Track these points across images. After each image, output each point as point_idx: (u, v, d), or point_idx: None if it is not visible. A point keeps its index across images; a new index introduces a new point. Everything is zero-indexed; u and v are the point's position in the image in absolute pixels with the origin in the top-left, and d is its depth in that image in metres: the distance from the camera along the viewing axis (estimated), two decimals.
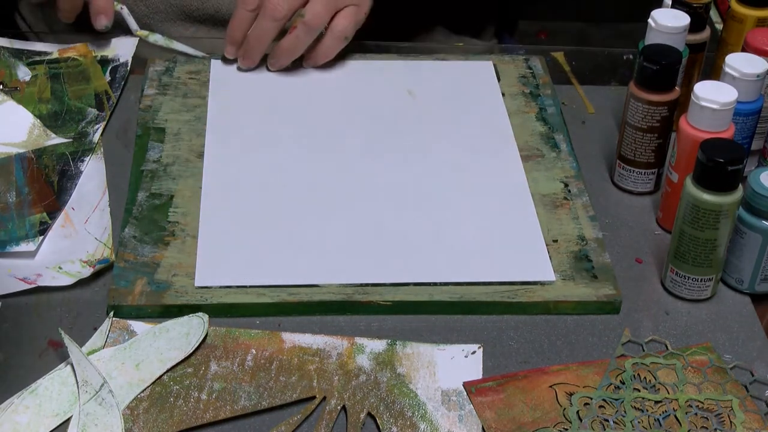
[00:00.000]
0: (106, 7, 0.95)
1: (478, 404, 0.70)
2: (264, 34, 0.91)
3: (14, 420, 0.68)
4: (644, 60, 0.83)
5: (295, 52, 0.94)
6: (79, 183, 0.86)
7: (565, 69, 1.04)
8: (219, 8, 1.06)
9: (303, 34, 0.92)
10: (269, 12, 0.89)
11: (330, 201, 0.85)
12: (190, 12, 1.06)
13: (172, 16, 1.06)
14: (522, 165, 0.89)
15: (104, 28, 0.96)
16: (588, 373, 0.72)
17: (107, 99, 0.95)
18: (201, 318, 0.74)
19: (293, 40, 0.93)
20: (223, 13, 1.06)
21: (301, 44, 0.93)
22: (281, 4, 0.89)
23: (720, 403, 0.71)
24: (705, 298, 0.79)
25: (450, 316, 0.77)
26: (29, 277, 0.77)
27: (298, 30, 0.92)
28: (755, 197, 0.75)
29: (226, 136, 0.91)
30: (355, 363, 0.72)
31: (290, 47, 0.93)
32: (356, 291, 0.76)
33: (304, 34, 0.92)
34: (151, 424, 0.68)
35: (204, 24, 1.07)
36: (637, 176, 0.88)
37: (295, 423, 0.68)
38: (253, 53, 0.94)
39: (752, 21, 0.90)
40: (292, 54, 0.95)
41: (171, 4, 1.06)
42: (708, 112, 0.78)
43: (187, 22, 1.07)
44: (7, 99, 0.94)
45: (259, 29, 0.91)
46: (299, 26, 0.92)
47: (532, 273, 0.79)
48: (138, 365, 0.71)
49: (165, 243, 0.80)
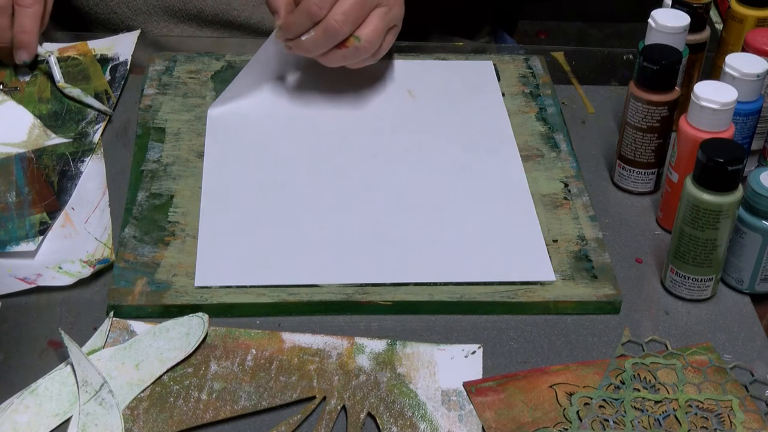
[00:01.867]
0: (29, 43, 0.95)
1: (478, 404, 0.70)
2: (318, 46, 0.89)
3: (14, 420, 0.68)
4: (644, 60, 0.83)
5: (334, 63, 0.92)
6: (79, 183, 0.86)
7: (565, 69, 1.04)
8: (202, 9, 1.05)
9: (352, 55, 0.90)
10: (331, 31, 0.87)
11: (330, 200, 0.85)
12: (173, 12, 1.06)
13: (156, 17, 1.06)
14: (522, 165, 0.89)
15: (22, 63, 0.96)
16: (588, 373, 0.72)
17: (107, 98, 0.95)
18: (201, 318, 0.74)
19: (339, 58, 0.90)
20: (207, 14, 1.05)
21: (344, 61, 0.91)
22: (344, 29, 0.87)
23: (720, 403, 0.71)
24: (705, 298, 0.79)
25: (450, 316, 0.77)
26: (29, 277, 0.77)
27: (349, 51, 0.89)
28: (755, 197, 0.75)
29: (226, 137, 0.91)
30: (355, 363, 0.72)
31: (333, 60, 0.91)
32: (356, 291, 0.76)
33: (353, 55, 0.90)
34: (151, 424, 0.68)
35: (190, 23, 1.07)
36: (637, 176, 0.88)
37: (295, 423, 0.68)
38: (300, 52, 0.91)
39: (752, 21, 0.90)
40: (329, 63, 0.92)
41: (152, 5, 1.05)
42: (708, 112, 0.78)
43: (171, 23, 1.06)
44: (7, 99, 0.94)
45: (316, 41, 0.88)
46: (352, 48, 0.89)
47: (532, 273, 0.79)
48: (138, 365, 0.71)
49: (165, 243, 0.80)
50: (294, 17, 0.87)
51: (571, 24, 2.39)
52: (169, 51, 1.03)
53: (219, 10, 1.05)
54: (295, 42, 0.88)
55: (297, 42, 0.88)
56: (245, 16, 1.06)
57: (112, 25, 1.06)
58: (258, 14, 1.06)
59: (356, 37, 0.89)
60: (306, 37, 0.87)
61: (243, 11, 1.05)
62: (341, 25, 0.87)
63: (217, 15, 1.05)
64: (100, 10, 1.06)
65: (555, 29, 2.36)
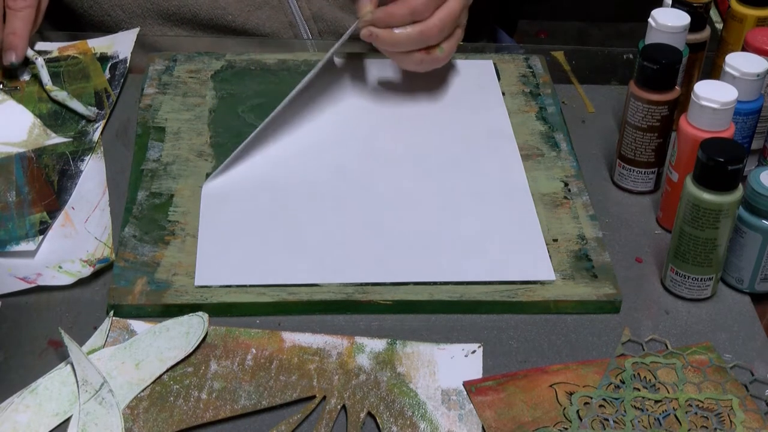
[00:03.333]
0: (18, 46, 0.94)
1: (478, 403, 0.70)
2: (407, 44, 0.89)
3: (14, 419, 0.68)
4: (644, 59, 0.83)
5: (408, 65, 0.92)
6: (79, 182, 0.86)
7: (565, 68, 1.04)
8: (197, 13, 1.05)
9: (428, 62, 0.91)
10: (428, 34, 0.88)
11: (330, 200, 0.85)
12: (167, 16, 1.06)
13: (150, 20, 1.06)
14: (522, 164, 0.89)
15: (10, 65, 0.95)
16: (588, 372, 0.72)
17: (107, 97, 0.95)
18: (201, 317, 0.74)
19: (416, 61, 0.90)
20: (201, 18, 1.05)
21: (418, 66, 0.91)
22: (438, 36, 0.89)
23: (720, 403, 0.71)
24: (705, 298, 0.79)
25: (450, 316, 0.77)
26: (29, 277, 0.77)
27: (428, 58, 0.90)
28: (755, 197, 0.75)
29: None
30: (355, 362, 0.72)
31: (409, 62, 0.91)
32: (356, 290, 0.76)
33: (429, 63, 0.91)
34: (151, 423, 0.68)
35: (184, 27, 1.06)
36: (637, 176, 0.88)
37: (295, 422, 0.68)
38: (384, 44, 0.90)
39: (752, 21, 0.90)
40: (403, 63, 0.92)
41: (146, 8, 1.05)
42: (708, 111, 0.78)
43: (166, 26, 1.06)
44: (7, 98, 0.94)
45: (409, 38, 0.88)
46: (433, 57, 0.90)
47: (532, 272, 0.79)
48: (138, 365, 0.71)
49: (165, 242, 0.80)
50: (397, 8, 0.87)
51: (571, 24, 2.39)
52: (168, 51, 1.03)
53: (213, 15, 1.05)
54: (385, 32, 0.88)
55: (387, 32, 0.88)
56: (240, 22, 1.05)
57: (106, 27, 1.06)
58: (253, 20, 1.06)
59: (441, 47, 0.90)
60: (400, 31, 0.87)
61: (238, 16, 1.05)
62: (438, 32, 0.88)
63: (212, 20, 1.05)
64: (94, 13, 1.06)
65: (555, 29, 2.36)
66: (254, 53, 1.02)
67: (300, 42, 1.07)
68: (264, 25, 1.06)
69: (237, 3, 1.05)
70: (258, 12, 1.06)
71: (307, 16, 1.07)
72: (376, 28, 0.88)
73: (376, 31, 0.88)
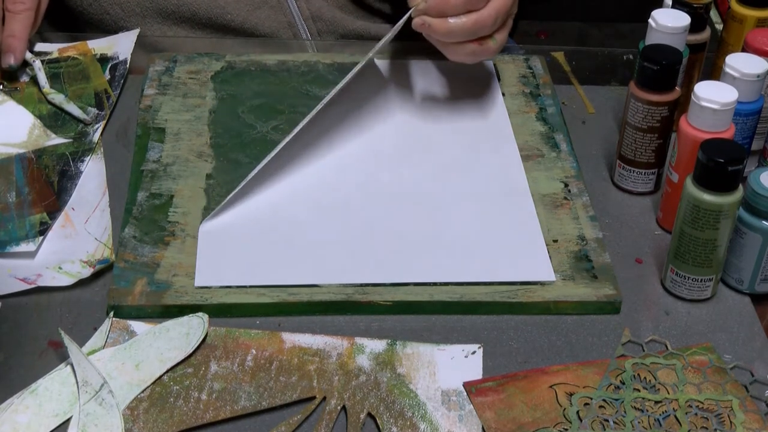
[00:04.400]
0: (17, 48, 0.94)
1: (478, 404, 0.70)
2: (462, 34, 0.87)
3: (14, 420, 0.68)
4: (644, 60, 0.83)
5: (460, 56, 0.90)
6: (79, 183, 0.86)
7: (565, 69, 1.04)
8: (196, 12, 1.05)
9: (480, 53, 0.89)
10: (482, 24, 0.86)
11: (330, 201, 0.85)
12: (166, 15, 1.06)
13: (149, 19, 1.06)
14: (522, 165, 0.89)
15: (9, 68, 0.95)
16: (588, 373, 0.72)
17: (107, 98, 0.95)
18: (201, 318, 0.74)
19: (468, 52, 0.89)
20: (200, 17, 1.05)
21: (470, 57, 0.90)
22: (493, 26, 0.87)
23: (720, 403, 0.71)
24: (705, 298, 0.79)
25: (450, 316, 0.77)
26: (29, 277, 0.77)
27: (481, 49, 0.89)
28: (755, 197, 0.75)
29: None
30: (355, 363, 0.72)
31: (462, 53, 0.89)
32: (356, 291, 0.76)
33: (481, 54, 0.89)
34: (151, 424, 0.68)
35: (183, 26, 1.06)
36: (637, 176, 0.88)
37: (295, 423, 0.68)
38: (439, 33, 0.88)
39: (752, 21, 0.90)
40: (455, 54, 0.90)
41: (145, 7, 1.05)
42: (708, 112, 0.78)
43: (165, 25, 1.06)
44: (7, 99, 0.94)
45: (463, 27, 0.86)
46: (485, 47, 0.89)
47: (532, 273, 0.79)
48: (138, 365, 0.71)
49: (165, 243, 0.80)
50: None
51: (571, 24, 2.39)
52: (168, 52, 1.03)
53: (212, 14, 1.05)
54: (440, 21, 0.86)
55: (442, 22, 0.86)
56: (239, 21, 1.05)
57: (105, 26, 1.06)
58: (252, 19, 1.06)
59: (493, 38, 0.89)
60: (455, 20, 0.86)
61: (237, 16, 1.05)
62: (493, 22, 0.87)
63: (211, 19, 1.05)
64: (93, 11, 1.06)
65: (555, 29, 2.36)
66: (254, 54, 1.02)
67: (300, 42, 1.07)
68: (263, 25, 1.06)
69: (236, 2, 1.05)
70: (257, 12, 1.06)
71: (306, 15, 1.07)
72: (429, 17, 0.86)
73: (429, 20, 0.86)
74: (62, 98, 0.93)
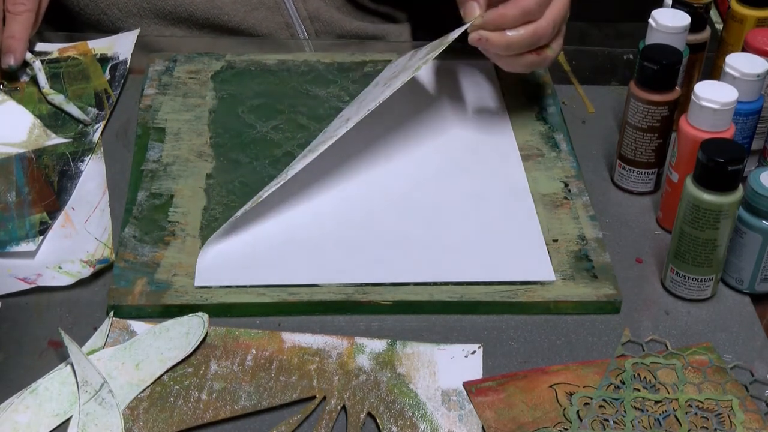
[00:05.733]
0: (17, 49, 0.95)
1: (478, 404, 0.70)
2: (520, 46, 0.86)
3: (14, 420, 0.68)
4: (644, 60, 0.83)
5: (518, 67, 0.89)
6: (79, 183, 0.86)
7: (565, 69, 1.04)
8: (193, 12, 1.05)
9: (539, 63, 0.89)
10: (540, 34, 0.85)
11: (330, 200, 0.85)
12: (164, 15, 1.05)
13: (146, 19, 1.05)
14: (522, 164, 0.89)
15: (8, 68, 0.95)
16: (588, 373, 0.72)
17: (107, 98, 0.95)
18: (201, 318, 0.74)
19: (527, 63, 0.88)
20: (198, 17, 1.05)
21: (528, 68, 0.89)
22: (550, 34, 0.86)
23: (720, 403, 0.71)
24: (705, 298, 0.79)
25: (450, 316, 0.77)
26: (29, 277, 0.77)
27: (539, 59, 0.88)
28: (755, 197, 0.75)
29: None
30: (355, 363, 0.72)
31: (520, 64, 0.88)
32: (356, 291, 0.76)
33: (540, 63, 0.89)
34: (151, 424, 0.68)
35: (180, 26, 1.06)
36: (637, 176, 0.88)
37: (295, 423, 0.68)
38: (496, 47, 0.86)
39: (752, 21, 0.90)
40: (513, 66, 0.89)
41: (143, 7, 1.05)
42: (708, 112, 0.78)
43: (162, 26, 1.06)
44: (7, 99, 0.94)
45: (521, 39, 0.85)
46: (543, 57, 0.88)
47: (532, 273, 0.79)
48: (138, 365, 0.71)
49: (165, 243, 0.80)
50: (509, 9, 0.84)
51: (572, 24, 2.39)
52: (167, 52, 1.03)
53: (210, 14, 1.05)
54: (497, 35, 0.85)
55: (500, 35, 0.85)
56: (237, 22, 1.05)
57: (103, 26, 1.06)
58: (250, 20, 1.06)
59: (550, 47, 0.88)
60: (513, 33, 0.84)
61: (234, 16, 1.05)
62: (551, 31, 0.86)
63: (208, 19, 1.05)
64: (90, 11, 1.06)
65: None
66: (254, 54, 1.02)
67: (298, 42, 1.07)
68: (260, 25, 1.06)
69: (233, 3, 1.05)
70: (254, 12, 1.06)
71: (303, 16, 1.07)
72: (486, 31, 0.85)
73: (487, 34, 0.85)
74: (62, 99, 0.93)
